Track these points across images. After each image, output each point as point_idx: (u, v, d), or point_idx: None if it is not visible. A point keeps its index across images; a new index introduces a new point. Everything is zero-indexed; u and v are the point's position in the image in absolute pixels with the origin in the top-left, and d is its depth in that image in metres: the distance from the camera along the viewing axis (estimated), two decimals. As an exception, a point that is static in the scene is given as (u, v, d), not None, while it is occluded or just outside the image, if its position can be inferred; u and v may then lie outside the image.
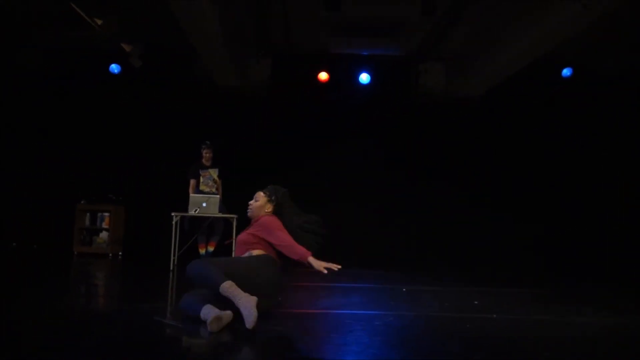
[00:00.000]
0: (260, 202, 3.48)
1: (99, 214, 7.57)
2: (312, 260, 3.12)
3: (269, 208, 3.46)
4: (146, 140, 8.11)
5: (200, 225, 6.57)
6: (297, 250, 3.19)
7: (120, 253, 7.62)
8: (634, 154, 7.99)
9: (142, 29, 7.21)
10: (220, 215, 6.28)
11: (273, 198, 3.48)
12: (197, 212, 6.09)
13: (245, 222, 6.79)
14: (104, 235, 7.55)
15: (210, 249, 6.60)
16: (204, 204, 6.12)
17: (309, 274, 5.25)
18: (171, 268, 6.07)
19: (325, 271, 3.03)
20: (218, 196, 6.37)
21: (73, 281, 5.36)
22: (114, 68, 8.02)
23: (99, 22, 6.59)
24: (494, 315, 3.42)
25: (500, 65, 7.12)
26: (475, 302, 3.97)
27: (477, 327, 3.09)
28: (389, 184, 8.07)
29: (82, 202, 7.53)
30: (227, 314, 2.78)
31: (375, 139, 8.25)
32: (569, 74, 7.76)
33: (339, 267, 3.03)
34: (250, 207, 3.52)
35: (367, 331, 2.94)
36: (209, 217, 6.39)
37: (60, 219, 7.64)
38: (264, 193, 3.50)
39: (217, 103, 8.03)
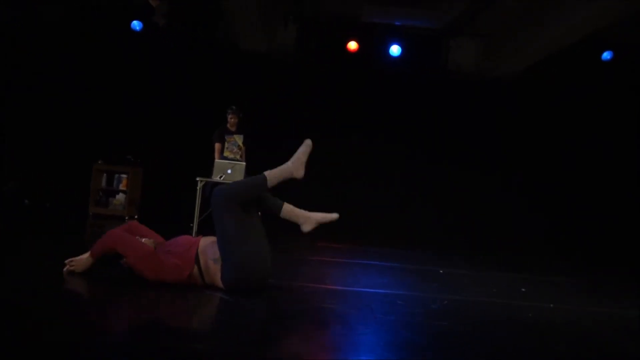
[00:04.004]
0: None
1: (116, 175, 7.35)
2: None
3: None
4: (168, 101, 7.86)
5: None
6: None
7: (136, 216, 7.43)
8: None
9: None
10: (245, 183, 6.07)
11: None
12: (222, 178, 5.86)
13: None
14: (120, 197, 7.36)
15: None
16: (229, 171, 5.89)
17: (331, 250, 5.05)
18: (192, 235, 5.89)
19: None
20: (244, 163, 6.15)
21: (86, 242, 5.19)
22: (136, 25, 7.69)
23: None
24: (551, 305, 3.26)
25: (539, 45, 6.83)
26: (523, 290, 3.80)
27: (540, 317, 2.92)
28: (416, 161, 7.86)
29: (99, 162, 7.31)
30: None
31: (403, 114, 8.01)
32: (609, 57, 7.45)
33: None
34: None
35: (424, 313, 2.78)
36: (232, 185, 6.19)
37: (76, 178, 7.44)
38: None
39: (242, 67, 7.76)
